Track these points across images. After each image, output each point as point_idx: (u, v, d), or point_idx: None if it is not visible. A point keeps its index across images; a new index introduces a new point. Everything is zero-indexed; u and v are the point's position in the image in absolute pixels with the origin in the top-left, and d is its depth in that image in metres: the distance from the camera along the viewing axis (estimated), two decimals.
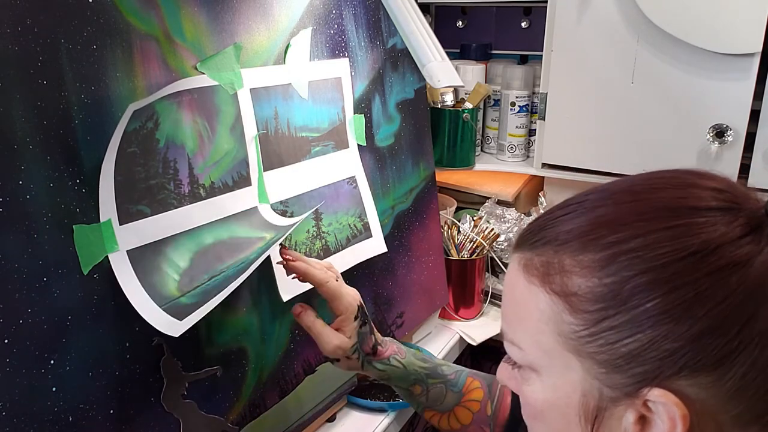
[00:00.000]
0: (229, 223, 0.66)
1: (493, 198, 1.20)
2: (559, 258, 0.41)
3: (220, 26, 0.66)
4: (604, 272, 0.39)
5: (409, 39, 0.89)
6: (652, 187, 0.42)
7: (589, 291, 0.39)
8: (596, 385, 0.40)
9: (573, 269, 0.40)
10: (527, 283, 0.43)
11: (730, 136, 0.96)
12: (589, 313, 0.39)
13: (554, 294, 0.41)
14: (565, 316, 0.40)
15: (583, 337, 0.40)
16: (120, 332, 0.57)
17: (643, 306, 0.38)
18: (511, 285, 0.45)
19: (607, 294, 0.39)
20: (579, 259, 0.40)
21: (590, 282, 0.39)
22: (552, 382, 0.42)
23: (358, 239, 0.82)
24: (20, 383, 0.50)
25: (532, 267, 0.43)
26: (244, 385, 0.69)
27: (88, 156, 0.55)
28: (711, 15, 0.93)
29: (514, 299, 0.45)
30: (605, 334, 0.39)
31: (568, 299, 0.40)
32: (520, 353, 0.44)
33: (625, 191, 0.43)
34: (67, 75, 0.53)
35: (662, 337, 0.37)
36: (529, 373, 0.44)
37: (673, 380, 0.38)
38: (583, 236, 0.41)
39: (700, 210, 0.39)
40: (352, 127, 0.82)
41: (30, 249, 0.51)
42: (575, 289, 0.40)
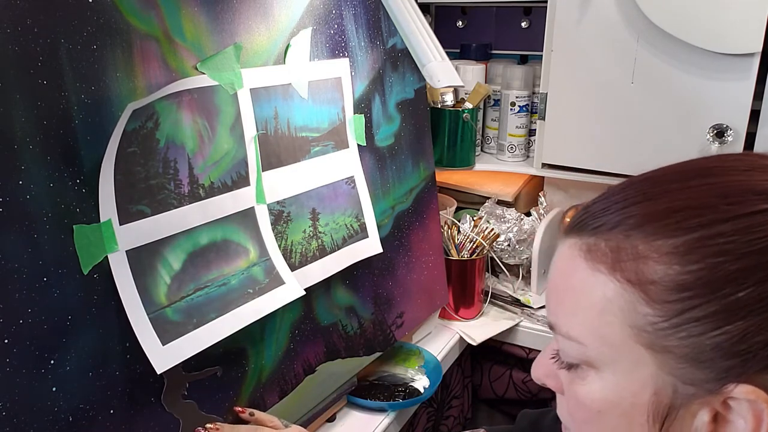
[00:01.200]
0: (224, 223, 0.66)
1: (493, 198, 1.20)
2: (631, 243, 0.37)
3: (220, 26, 0.66)
4: (688, 258, 0.36)
5: (409, 39, 0.89)
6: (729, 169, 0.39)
7: (669, 279, 0.36)
8: (670, 382, 0.37)
9: (649, 255, 0.37)
10: (590, 270, 0.39)
11: (730, 136, 0.96)
12: (670, 303, 0.36)
13: (627, 282, 0.37)
14: (640, 306, 0.37)
15: (663, 329, 0.36)
16: (120, 332, 0.57)
17: (735, 295, 0.35)
18: (567, 273, 0.41)
19: (693, 282, 0.35)
20: (656, 244, 0.37)
21: (671, 269, 0.36)
22: (616, 380, 0.39)
23: (354, 239, 0.82)
24: (20, 383, 0.50)
25: (598, 252, 0.39)
26: (243, 385, 0.69)
27: (88, 156, 0.55)
28: (711, 15, 0.93)
29: (570, 289, 0.40)
30: (689, 326, 0.35)
31: (644, 288, 0.37)
32: (579, 348, 0.40)
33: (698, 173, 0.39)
34: (67, 75, 0.53)
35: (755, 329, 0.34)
36: (585, 371, 0.40)
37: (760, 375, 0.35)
38: (658, 219, 0.37)
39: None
40: (352, 127, 0.82)
41: (30, 249, 0.51)
42: (653, 276, 0.36)
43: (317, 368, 0.78)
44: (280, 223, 0.72)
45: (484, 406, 1.23)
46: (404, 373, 0.93)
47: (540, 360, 0.45)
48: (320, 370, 0.78)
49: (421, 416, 1.00)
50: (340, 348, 0.81)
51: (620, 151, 1.06)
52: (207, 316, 0.62)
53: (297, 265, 0.73)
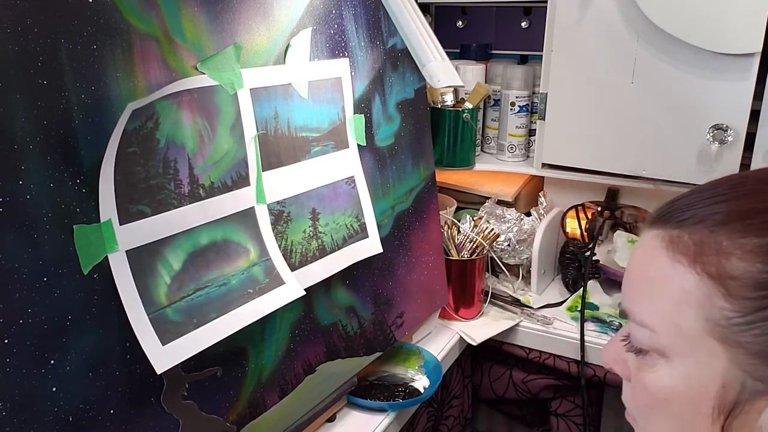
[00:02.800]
0: (224, 223, 0.66)
1: (493, 198, 1.20)
2: (715, 238, 0.38)
3: (220, 26, 0.66)
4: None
5: (409, 39, 0.89)
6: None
7: (750, 276, 0.37)
8: (740, 377, 0.37)
9: (733, 251, 0.37)
10: (671, 261, 0.40)
11: (730, 136, 0.96)
12: (748, 299, 0.37)
13: (706, 275, 0.38)
14: (717, 300, 0.37)
15: (738, 324, 0.37)
16: (120, 332, 0.57)
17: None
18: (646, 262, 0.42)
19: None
20: (740, 242, 0.37)
21: (753, 267, 0.37)
22: (685, 370, 0.39)
23: (354, 239, 0.82)
24: (20, 383, 0.50)
25: (681, 244, 0.39)
26: (243, 386, 0.69)
27: (88, 156, 0.55)
28: (711, 15, 0.93)
29: (648, 278, 0.41)
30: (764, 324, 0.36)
31: (724, 282, 0.37)
32: (651, 336, 0.41)
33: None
34: (68, 75, 0.53)
35: None
36: (655, 358, 0.41)
37: None
38: (745, 218, 0.38)
39: None
40: (352, 127, 0.82)
41: (30, 249, 0.51)
42: (734, 272, 0.37)
43: (317, 368, 0.78)
44: (280, 223, 0.72)
45: (484, 406, 1.23)
46: (404, 373, 0.93)
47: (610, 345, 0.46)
48: (320, 370, 0.78)
49: (421, 416, 1.00)
50: (340, 348, 0.81)
51: (620, 151, 1.06)
52: (207, 316, 0.62)
53: (297, 265, 0.73)
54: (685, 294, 0.39)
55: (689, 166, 1.01)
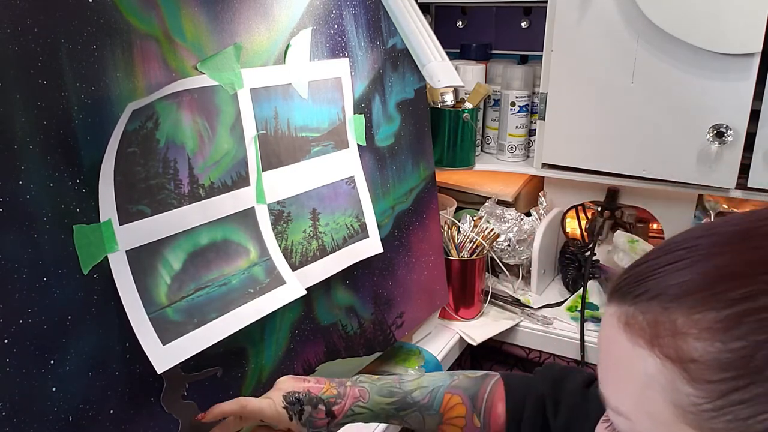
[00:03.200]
0: (224, 223, 0.66)
1: (493, 198, 1.20)
2: (669, 316, 0.35)
3: (220, 26, 0.66)
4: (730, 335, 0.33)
5: (409, 39, 0.89)
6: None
7: (711, 357, 0.33)
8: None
9: (689, 331, 0.34)
10: (631, 344, 0.36)
11: (730, 136, 0.96)
12: (713, 383, 0.33)
13: (666, 359, 0.35)
14: (682, 385, 0.34)
15: (707, 410, 0.34)
16: (120, 332, 0.57)
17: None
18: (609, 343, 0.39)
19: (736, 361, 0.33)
20: (696, 318, 0.34)
21: (712, 347, 0.33)
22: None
23: (354, 239, 0.82)
24: (20, 383, 0.50)
25: (636, 326, 0.36)
26: (243, 386, 0.69)
27: (88, 156, 0.55)
28: (711, 15, 0.93)
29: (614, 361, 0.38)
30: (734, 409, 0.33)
31: (684, 366, 0.34)
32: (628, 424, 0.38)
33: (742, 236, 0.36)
34: (67, 75, 0.53)
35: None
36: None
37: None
38: (698, 291, 0.34)
39: None
40: (352, 127, 0.82)
41: (30, 249, 0.51)
42: (694, 354, 0.34)
43: (317, 368, 0.78)
44: (281, 223, 0.72)
45: None
46: (404, 373, 0.93)
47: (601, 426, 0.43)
48: (320, 370, 0.78)
49: None
50: (340, 348, 0.81)
51: (620, 151, 1.06)
52: (208, 316, 0.62)
53: (297, 265, 0.73)
54: (649, 379, 0.36)
55: (689, 166, 1.01)
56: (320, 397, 0.65)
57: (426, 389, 0.67)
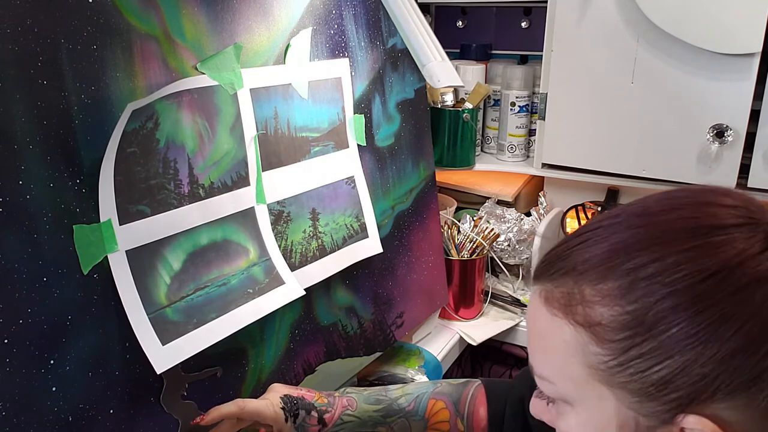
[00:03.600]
0: (224, 223, 0.66)
1: (493, 198, 1.20)
2: (579, 288, 0.41)
3: (220, 26, 0.66)
4: (626, 299, 0.38)
5: (409, 39, 0.89)
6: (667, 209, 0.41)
7: (612, 320, 0.39)
8: (631, 415, 0.39)
9: (594, 299, 0.40)
10: (550, 315, 0.42)
11: (730, 136, 0.96)
12: (615, 342, 0.39)
13: (578, 325, 0.40)
14: (592, 347, 0.40)
15: (612, 367, 0.39)
16: (120, 332, 0.57)
17: (669, 331, 0.37)
18: (534, 318, 0.44)
19: (632, 321, 0.38)
20: (599, 288, 0.40)
21: (613, 311, 0.39)
22: (587, 415, 0.42)
23: (354, 239, 0.82)
24: (20, 383, 0.50)
25: (553, 299, 0.42)
26: (243, 386, 0.69)
27: (88, 156, 0.55)
28: (711, 15, 0.93)
29: (538, 333, 0.44)
30: (634, 363, 0.38)
31: (592, 329, 0.40)
32: (552, 387, 0.43)
33: (639, 214, 0.42)
34: (67, 75, 0.53)
35: (692, 362, 0.37)
36: (563, 406, 0.43)
37: (707, 404, 0.37)
38: (601, 264, 0.40)
39: (717, 228, 0.39)
40: (352, 127, 0.82)
41: (30, 249, 0.51)
42: (599, 318, 0.39)
43: (317, 368, 0.78)
44: (280, 223, 0.72)
45: None
46: (404, 373, 0.93)
47: (534, 398, 0.48)
48: (320, 370, 0.78)
49: None
50: (340, 348, 0.81)
51: (620, 151, 1.06)
52: (207, 316, 0.62)
53: (297, 265, 0.73)
54: (566, 345, 0.41)
55: (689, 166, 1.01)
56: (313, 404, 0.67)
57: (411, 396, 0.70)
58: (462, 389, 0.70)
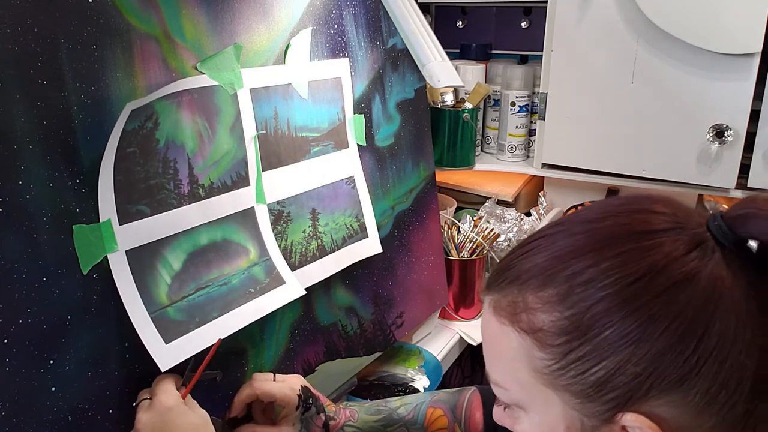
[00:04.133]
0: (224, 223, 0.66)
1: (493, 198, 1.20)
2: (523, 296, 0.42)
3: (220, 26, 0.66)
4: (564, 305, 0.40)
5: (409, 39, 0.89)
6: (603, 216, 0.43)
7: (552, 325, 0.40)
8: (576, 416, 0.41)
9: (536, 306, 0.41)
10: (498, 324, 0.44)
11: (730, 136, 0.96)
12: (556, 346, 0.40)
13: (523, 332, 0.42)
14: (536, 352, 0.41)
15: (555, 370, 0.41)
16: (119, 332, 0.57)
17: (603, 333, 0.39)
18: (485, 327, 0.46)
19: (569, 326, 0.40)
20: (540, 295, 0.41)
21: (552, 317, 0.40)
22: (538, 418, 0.43)
23: (354, 239, 0.82)
24: (20, 383, 0.50)
25: (500, 308, 0.44)
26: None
27: (87, 156, 0.55)
28: (711, 15, 0.93)
29: (489, 341, 0.46)
30: (574, 365, 0.40)
31: (535, 335, 0.41)
32: (505, 393, 0.45)
33: (578, 222, 0.44)
34: (67, 75, 0.53)
35: (626, 362, 0.38)
36: (517, 411, 0.45)
37: (643, 402, 0.39)
38: (542, 272, 0.42)
39: (646, 233, 0.40)
40: (351, 127, 0.82)
41: (30, 249, 0.51)
42: (540, 324, 0.41)
43: (317, 368, 0.78)
44: (280, 223, 0.72)
45: None
46: (404, 373, 0.93)
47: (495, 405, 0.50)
48: (320, 370, 0.78)
49: None
50: (340, 348, 0.81)
51: (620, 151, 1.06)
52: (209, 315, 0.62)
53: (297, 265, 0.73)
54: (513, 351, 0.43)
55: (689, 166, 1.01)
56: (324, 408, 0.68)
57: (410, 405, 0.72)
58: (458, 396, 0.72)
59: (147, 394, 0.57)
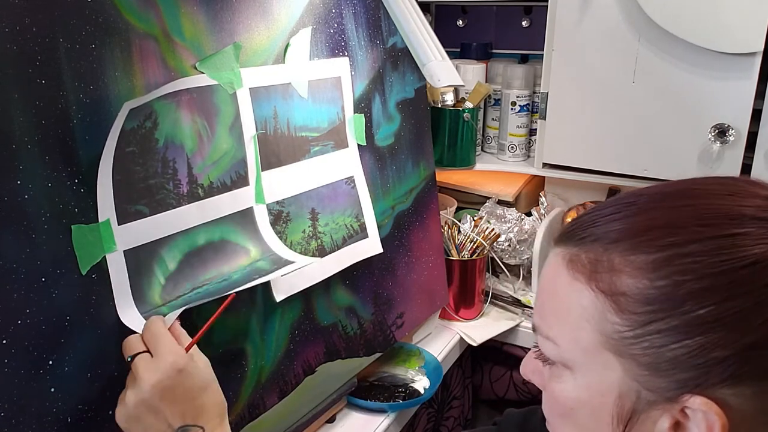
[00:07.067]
0: (222, 223, 0.66)
1: (493, 198, 1.20)
2: (608, 256, 0.40)
3: (219, 25, 0.66)
4: (657, 274, 0.38)
5: (409, 38, 0.89)
6: (710, 193, 0.41)
7: (638, 292, 0.39)
8: (635, 387, 0.39)
9: (623, 268, 0.39)
10: (571, 278, 0.42)
11: (732, 135, 0.96)
12: (636, 314, 0.39)
13: (600, 292, 0.40)
14: (610, 315, 0.40)
15: (628, 338, 0.39)
16: (119, 332, 0.57)
17: (696, 312, 0.37)
18: (551, 279, 0.44)
19: (659, 297, 0.38)
20: (630, 259, 0.39)
21: (640, 283, 0.39)
22: (587, 381, 0.42)
23: (354, 239, 0.81)
24: (19, 384, 0.50)
25: (578, 263, 0.42)
26: (243, 386, 0.68)
27: (86, 155, 0.55)
28: (712, 14, 0.93)
29: (553, 294, 0.43)
30: (651, 337, 0.38)
31: (615, 298, 0.39)
32: (556, 349, 0.43)
33: (680, 194, 0.42)
34: (66, 74, 0.53)
35: (712, 345, 0.37)
36: (561, 369, 0.43)
37: (715, 388, 0.37)
38: (636, 236, 0.40)
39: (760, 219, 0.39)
40: (351, 126, 0.82)
41: (28, 249, 0.51)
42: (624, 288, 0.39)
43: (317, 369, 0.78)
44: (280, 223, 0.72)
45: (485, 407, 1.23)
46: (404, 374, 0.93)
47: (527, 357, 0.48)
48: (320, 371, 0.78)
49: (422, 417, 1.00)
50: (340, 348, 0.81)
51: (621, 150, 1.06)
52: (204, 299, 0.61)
53: None
54: (582, 310, 0.41)
55: (690, 166, 1.01)
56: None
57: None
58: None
59: (140, 343, 0.53)
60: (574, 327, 0.41)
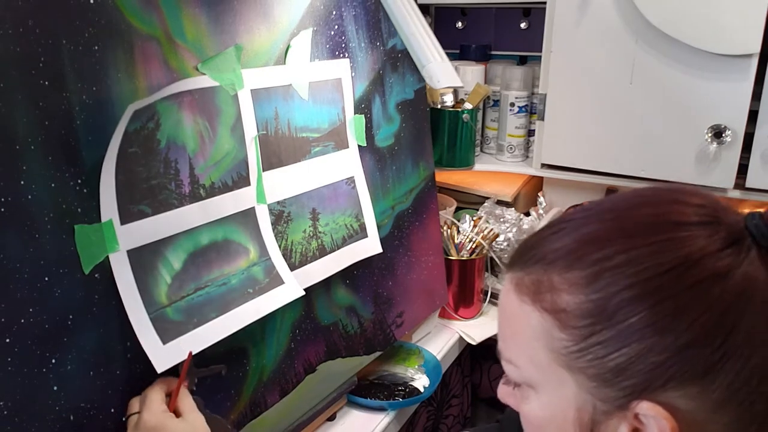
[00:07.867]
0: (225, 223, 0.66)
1: (492, 198, 1.21)
2: (548, 276, 0.42)
3: (221, 27, 0.66)
4: (591, 288, 0.40)
5: (408, 40, 0.89)
6: (635, 204, 0.43)
7: (576, 307, 0.40)
8: (589, 400, 0.41)
9: (561, 286, 0.41)
10: (519, 301, 0.44)
11: (729, 136, 0.96)
12: (577, 328, 0.40)
13: (545, 311, 0.42)
14: (555, 332, 0.41)
15: (573, 352, 0.40)
16: (121, 332, 0.57)
17: (629, 320, 0.38)
18: (505, 304, 0.46)
19: (594, 309, 0.40)
20: (566, 276, 0.41)
21: (577, 298, 0.40)
22: (548, 399, 0.43)
23: (354, 239, 0.82)
24: (21, 382, 0.50)
25: (523, 285, 0.44)
26: (244, 384, 0.69)
27: (89, 156, 0.55)
28: (709, 16, 0.93)
29: (507, 318, 0.46)
30: (593, 349, 0.40)
31: (558, 315, 0.41)
32: (516, 371, 0.45)
33: (609, 209, 0.44)
34: (69, 76, 0.53)
35: (648, 350, 0.38)
36: (527, 390, 0.45)
37: (661, 392, 0.38)
38: (569, 254, 0.42)
39: (681, 225, 0.40)
40: (352, 127, 0.83)
41: (31, 249, 0.51)
42: (564, 305, 0.41)
43: (318, 367, 0.78)
44: (281, 223, 0.73)
45: (484, 405, 1.24)
46: (404, 373, 0.94)
47: (501, 383, 0.50)
48: (320, 369, 0.78)
49: (421, 415, 1.00)
50: (340, 347, 0.81)
51: (619, 151, 1.07)
52: (207, 316, 0.62)
53: (297, 265, 0.74)
54: (532, 330, 0.43)
55: (688, 167, 1.01)
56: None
57: None
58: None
59: (137, 405, 0.57)
60: (528, 347, 0.43)
